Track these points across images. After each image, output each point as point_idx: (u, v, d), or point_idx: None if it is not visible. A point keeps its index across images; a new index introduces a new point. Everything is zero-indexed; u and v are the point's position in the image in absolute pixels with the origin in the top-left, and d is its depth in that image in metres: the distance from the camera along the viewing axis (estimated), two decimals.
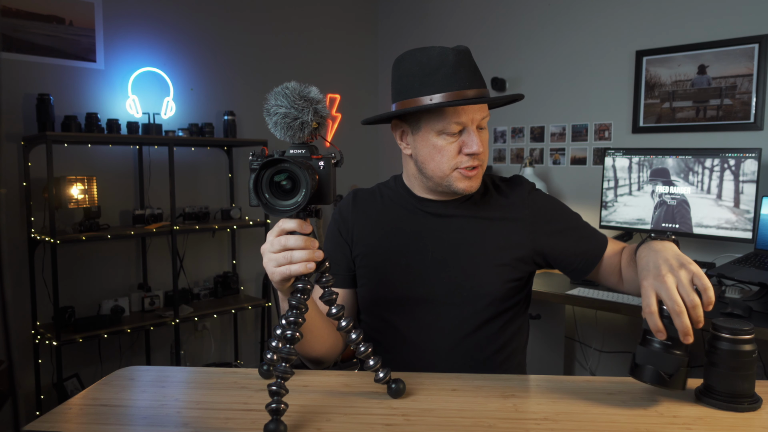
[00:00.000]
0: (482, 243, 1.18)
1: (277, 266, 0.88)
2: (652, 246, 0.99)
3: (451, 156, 1.13)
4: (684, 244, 2.63)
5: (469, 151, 1.12)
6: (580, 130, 3.06)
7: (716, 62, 2.57)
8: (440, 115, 1.11)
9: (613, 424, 0.84)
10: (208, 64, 3.29)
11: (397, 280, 1.20)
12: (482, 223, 1.20)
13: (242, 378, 1.06)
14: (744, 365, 0.88)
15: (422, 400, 0.94)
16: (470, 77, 1.11)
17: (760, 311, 1.91)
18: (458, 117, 1.10)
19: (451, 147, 1.13)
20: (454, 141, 1.13)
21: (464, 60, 1.11)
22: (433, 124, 1.12)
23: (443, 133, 1.12)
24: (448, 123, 1.11)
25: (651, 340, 0.89)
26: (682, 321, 0.85)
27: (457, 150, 1.13)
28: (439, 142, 1.13)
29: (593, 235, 1.23)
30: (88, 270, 2.88)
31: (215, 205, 3.31)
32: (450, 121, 1.11)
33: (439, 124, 1.12)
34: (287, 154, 0.88)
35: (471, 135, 1.12)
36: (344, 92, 3.81)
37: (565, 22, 3.10)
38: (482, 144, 1.13)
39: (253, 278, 3.53)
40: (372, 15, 4.10)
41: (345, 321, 0.93)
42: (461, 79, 1.10)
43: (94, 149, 2.89)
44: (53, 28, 2.72)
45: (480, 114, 1.13)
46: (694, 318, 0.85)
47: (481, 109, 1.13)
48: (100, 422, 0.88)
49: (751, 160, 2.27)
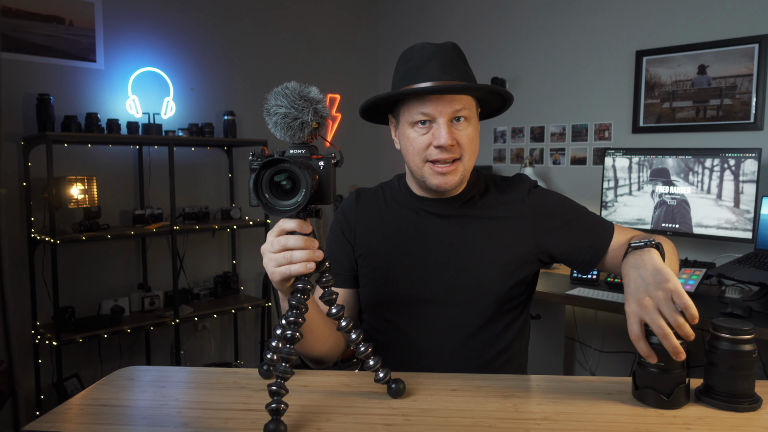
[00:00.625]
0: (484, 243, 1.18)
1: (277, 266, 0.88)
2: (632, 261, 0.97)
3: (420, 148, 1.12)
4: (684, 244, 2.64)
5: (436, 143, 1.10)
6: (580, 130, 3.06)
7: (716, 62, 2.57)
8: (410, 107, 1.12)
9: (613, 424, 0.84)
10: (208, 64, 3.29)
11: (400, 280, 1.19)
12: (484, 223, 1.19)
13: (242, 378, 1.06)
14: (744, 365, 0.88)
15: (422, 400, 0.94)
16: (440, 69, 1.10)
17: (760, 311, 1.91)
18: (423, 107, 1.10)
19: (421, 139, 1.12)
20: (425, 133, 1.12)
21: (440, 53, 1.12)
22: (406, 116, 1.14)
23: (414, 124, 1.13)
24: (415, 113, 1.11)
25: (646, 364, 0.90)
26: (670, 342, 0.85)
27: (427, 142, 1.12)
28: (412, 134, 1.13)
29: (598, 225, 1.20)
30: (88, 270, 2.88)
31: (215, 205, 3.31)
32: (416, 111, 1.11)
33: (409, 116, 1.13)
34: (287, 154, 0.88)
35: (439, 127, 1.10)
36: (344, 92, 3.81)
37: (565, 22, 3.10)
38: (456, 137, 1.10)
39: (253, 278, 3.53)
40: (372, 15, 4.10)
41: (345, 321, 0.93)
42: (430, 70, 1.10)
43: (94, 149, 2.89)
44: (53, 28, 2.72)
45: (450, 106, 1.09)
46: (682, 335, 0.86)
47: (453, 100, 1.09)
48: (100, 422, 0.88)
49: (751, 160, 2.27)
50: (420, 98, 1.10)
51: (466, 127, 1.12)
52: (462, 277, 1.17)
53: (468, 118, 1.12)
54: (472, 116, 1.13)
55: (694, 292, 2.14)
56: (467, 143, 1.12)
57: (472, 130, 1.13)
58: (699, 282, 2.16)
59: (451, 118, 1.11)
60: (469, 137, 1.12)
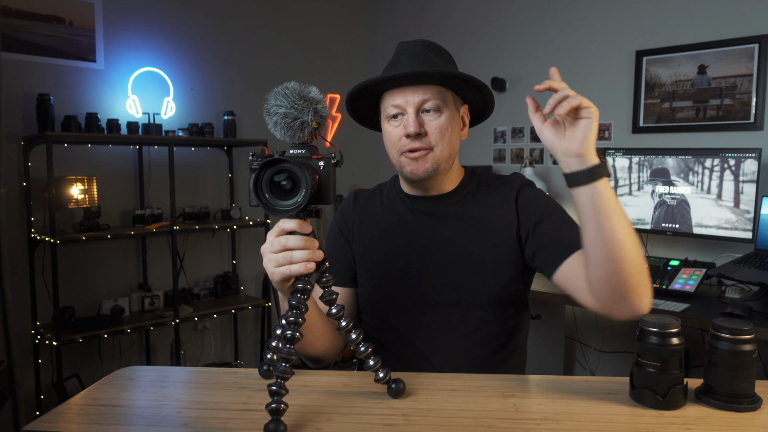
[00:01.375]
0: (477, 242, 1.18)
1: (277, 266, 0.89)
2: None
3: (395, 140, 1.16)
4: (684, 244, 2.64)
5: (405, 132, 1.14)
6: None
7: (716, 62, 2.57)
8: (384, 101, 1.19)
9: (613, 424, 0.84)
10: (208, 64, 3.29)
11: (396, 280, 1.20)
12: (476, 221, 1.20)
13: (242, 378, 1.06)
14: (744, 365, 0.88)
15: (422, 400, 0.94)
16: (408, 62, 1.14)
17: (760, 311, 1.91)
18: (393, 100, 1.15)
19: (395, 131, 1.16)
20: (398, 125, 1.16)
21: (409, 49, 1.17)
22: (383, 111, 1.20)
23: (389, 118, 1.17)
24: (388, 107, 1.17)
25: (644, 364, 0.90)
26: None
27: (400, 134, 1.15)
28: (388, 128, 1.18)
29: (572, 230, 1.09)
30: (88, 270, 2.88)
31: (215, 205, 3.31)
32: (387, 104, 1.17)
33: (385, 110, 1.18)
34: (287, 154, 0.88)
35: (408, 117, 1.13)
36: (344, 92, 3.77)
37: (565, 22, 3.10)
38: (424, 126, 1.13)
39: (253, 278, 3.53)
40: (372, 15, 4.10)
41: (345, 321, 0.93)
42: (399, 65, 1.16)
43: (94, 149, 2.89)
44: (53, 28, 2.72)
45: (417, 96, 1.13)
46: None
47: (418, 90, 1.13)
48: (100, 422, 0.88)
49: (751, 160, 2.27)
50: (391, 92, 1.16)
51: (436, 118, 1.14)
52: (456, 276, 1.17)
53: (438, 109, 1.14)
54: (443, 107, 1.15)
55: (694, 292, 2.14)
56: (437, 133, 1.14)
57: (444, 120, 1.15)
58: (699, 282, 2.16)
59: (419, 108, 1.14)
60: (440, 127, 1.14)
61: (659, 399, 0.88)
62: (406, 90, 1.14)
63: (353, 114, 1.30)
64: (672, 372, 0.88)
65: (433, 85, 1.14)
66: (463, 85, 1.18)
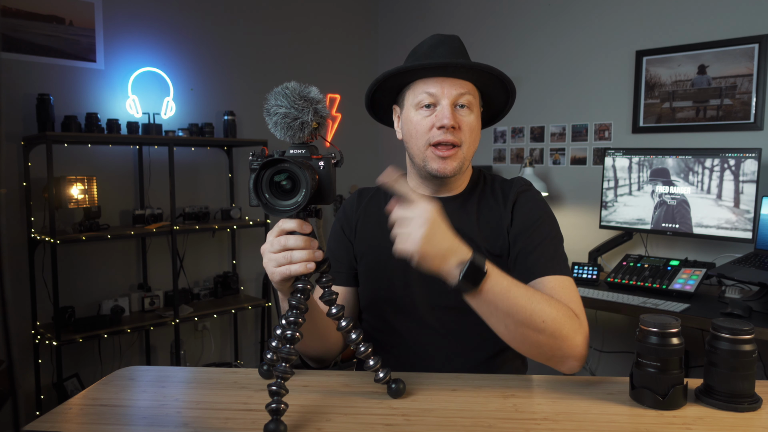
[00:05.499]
0: (480, 245, 1.17)
1: (277, 266, 0.88)
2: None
3: (424, 130, 1.13)
4: (684, 244, 2.64)
5: (439, 124, 1.11)
6: (580, 130, 3.06)
7: (716, 62, 2.57)
8: (415, 88, 1.15)
9: (613, 424, 0.84)
10: (208, 64, 3.29)
11: (397, 280, 1.19)
12: (479, 226, 1.19)
13: (242, 378, 1.06)
14: (744, 365, 0.88)
15: (422, 400, 0.94)
16: (449, 53, 1.13)
17: (760, 311, 1.92)
18: (428, 87, 1.12)
19: (425, 121, 1.13)
20: (429, 115, 1.13)
21: (449, 41, 1.15)
22: (411, 98, 1.16)
23: (419, 106, 1.14)
24: (420, 93, 1.13)
25: (644, 364, 0.90)
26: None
27: (430, 124, 1.13)
28: (416, 117, 1.14)
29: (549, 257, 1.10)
30: (88, 270, 2.88)
31: (215, 205, 3.31)
32: (421, 90, 1.13)
33: (414, 98, 1.14)
34: (287, 154, 0.88)
35: (444, 108, 1.11)
36: (344, 92, 3.81)
37: (565, 22, 3.10)
38: (459, 122, 1.12)
39: (253, 278, 3.53)
40: (372, 15, 4.10)
41: (345, 321, 0.93)
42: (438, 55, 1.13)
43: (94, 149, 2.89)
44: (53, 28, 2.72)
45: (455, 89, 1.12)
46: None
47: (457, 84, 1.12)
48: (100, 422, 0.88)
49: (751, 160, 2.27)
50: (425, 80, 1.13)
51: (469, 114, 1.13)
52: None
53: (470, 107, 1.14)
54: (474, 106, 1.15)
55: (694, 292, 2.14)
56: (468, 131, 1.13)
57: (474, 119, 1.14)
58: (699, 282, 2.16)
59: (455, 102, 1.12)
60: (471, 125, 1.13)
61: (659, 399, 0.88)
62: (444, 81, 1.12)
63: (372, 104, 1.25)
64: (672, 372, 0.88)
65: (469, 81, 1.13)
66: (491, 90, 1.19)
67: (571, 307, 1.02)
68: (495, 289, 0.91)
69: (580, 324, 1.00)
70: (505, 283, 0.92)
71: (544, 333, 0.94)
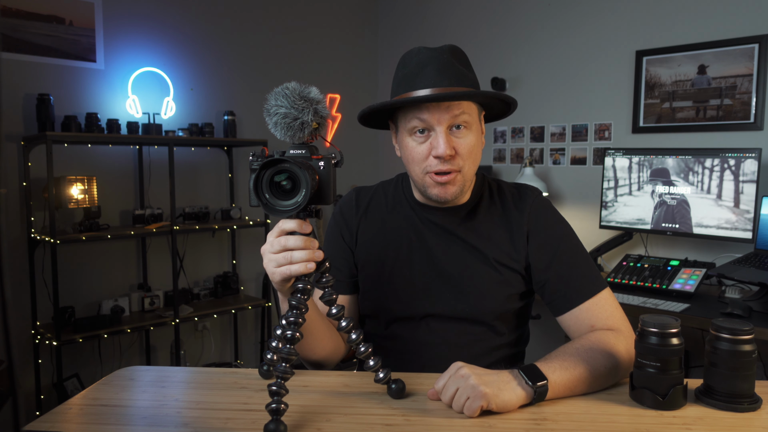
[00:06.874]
0: (484, 258, 1.15)
1: (277, 267, 0.88)
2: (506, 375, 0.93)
3: (420, 158, 1.08)
4: (684, 244, 2.64)
5: (435, 153, 1.06)
6: (580, 130, 3.06)
7: (716, 62, 2.57)
8: (406, 114, 1.08)
9: (613, 424, 0.84)
10: (208, 64, 3.29)
11: (400, 291, 1.18)
12: (485, 238, 1.17)
13: (242, 378, 1.06)
14: (744, 365, 0.88)
15: (422, 400, 0.94)
16: (437, 74, 1.05)
17: (760, 311, 1.92)
18: (420, 113, 1.06)
19: (420, 148, 1.08)
20: (424, 142, 1.08)
21: (436, 58, 1.07)
22: (404, 123, 1.10)
23: (412, 132, 1.09)
24: (412, 119, 1.07)
25: (644, 364, 0.90)
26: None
27: (426, 152, 1.08)
28: (411, 143, 1.09)
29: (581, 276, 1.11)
30: (88, 270, 2.88)
31: (215, 205, 3.31)
32: (413, 117, 1.07)
33: (407, 123, 1.09)
34: (287, 155, 0.88)
35: (437, 136, 1.05)
36: (344, 92, 3.81)
37: (565, 22, 3.10)
38: (454, 146, 1.06)
39: (253, 278, 3.53)
40: (372, 15, 4.10)
41: (345, 321, 0.93)
42: (426, 76, 1.06)
43: (94, 149, 2.89)
44: (53, 28, 2.72)
45: (448, 113, 1.05)
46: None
47: (451, 107, 1.04)
48: (100, 422, 0.88)
49: (751, 160, 2.27)
50: (417, 105, 1.06)
51: (466, 135, 1.08)
52: (463, 289, 1.15)
53: (468, 125, 1.08)
54: (472, 122, 1.09)
55: (694, 292, 2.14)
56: (467, 152, 1.08)
57: (473, 137, 1.09)
58: (699, 282, 2.16)
59: (450, 125, 1.06)
60: (469, 146, 1.08)
61: (659, 399, 0.88)
62: (437, 107, 1.05)
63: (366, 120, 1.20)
64: (672, 372, 0.88)
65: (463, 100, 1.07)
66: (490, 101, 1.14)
67: (614, 324, 1.06)
68: (558, 380, 0.93)
69: (626, 337, 1.03)
70: (557, 366, 0.94)
71: (610, 376, 0.99)
